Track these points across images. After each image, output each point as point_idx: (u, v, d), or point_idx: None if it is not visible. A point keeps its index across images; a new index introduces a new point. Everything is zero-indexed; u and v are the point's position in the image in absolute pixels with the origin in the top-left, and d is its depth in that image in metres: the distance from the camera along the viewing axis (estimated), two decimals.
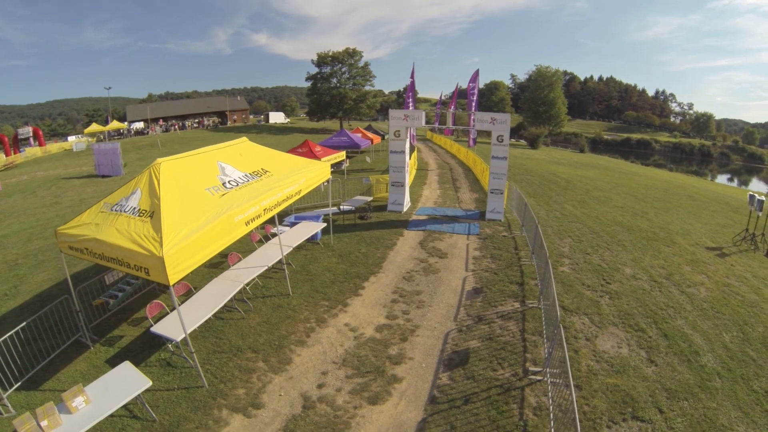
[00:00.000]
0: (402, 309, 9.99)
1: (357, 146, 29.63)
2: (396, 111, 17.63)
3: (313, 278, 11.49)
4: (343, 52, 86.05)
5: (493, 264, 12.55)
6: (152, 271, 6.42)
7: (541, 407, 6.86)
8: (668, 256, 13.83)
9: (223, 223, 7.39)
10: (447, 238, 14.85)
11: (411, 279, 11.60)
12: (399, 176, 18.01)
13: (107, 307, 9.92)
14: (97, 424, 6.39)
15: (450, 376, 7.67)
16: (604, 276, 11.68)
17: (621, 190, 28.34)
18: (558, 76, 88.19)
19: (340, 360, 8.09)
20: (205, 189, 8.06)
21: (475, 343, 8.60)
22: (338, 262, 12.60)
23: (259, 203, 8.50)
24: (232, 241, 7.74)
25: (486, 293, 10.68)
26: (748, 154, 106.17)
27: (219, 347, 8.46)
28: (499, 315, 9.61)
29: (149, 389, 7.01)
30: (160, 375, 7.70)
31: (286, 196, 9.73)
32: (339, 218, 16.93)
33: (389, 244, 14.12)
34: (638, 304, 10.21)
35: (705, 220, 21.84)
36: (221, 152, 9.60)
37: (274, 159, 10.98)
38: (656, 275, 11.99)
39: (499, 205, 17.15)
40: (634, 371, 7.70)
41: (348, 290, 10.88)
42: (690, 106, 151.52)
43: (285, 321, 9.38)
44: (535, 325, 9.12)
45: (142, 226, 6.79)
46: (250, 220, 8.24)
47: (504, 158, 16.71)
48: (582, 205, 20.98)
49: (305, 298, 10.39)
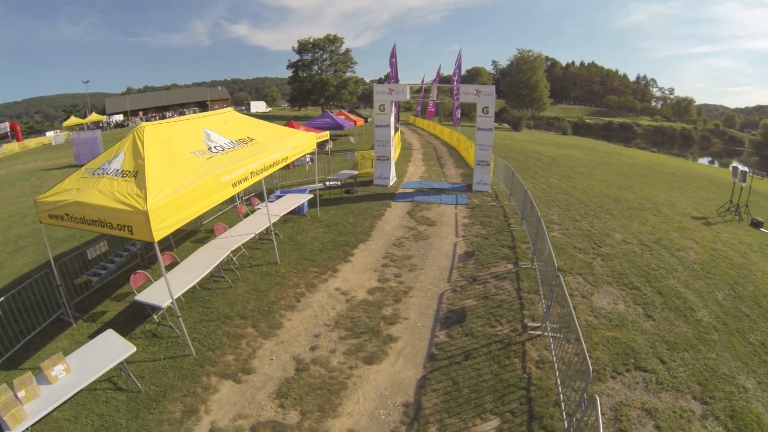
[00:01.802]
0: (394, 272, 9.75)
1: (340, 127, 29.30)
2: (380, 85, 17.38)
3: (301, 247, 11.18)
4: (324, 39, 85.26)
5: (483, 230, 12.38)
6: (136, 228, 6.07)
7: (543, 360, 6.69)
8: (656, 224, 13.97)
9: (210, 182, 7.12)
10: (435, 208, 14.65)
11: (401, 245, 11.36)
12: (384, 150, 17.78)
13: (90, 285, 9.49)
14: (80, 397, 6.10)
15: (448, 333, 7.45)
16: (594, 240, 11.65)
17: (605, 167, 28.61)
18: (540, 59, 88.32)
19: (333, 322, 7.81)
20: (191, 152, 7.77)
21: (471, 302, 8.40)
22: (326, 232, 12.31)
23: (245, 166, 8.24)
24: (219, 201, 7.53)
25: (478, 256, 10.49)
26: (728, 138, 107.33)
27: (206, 316, 8.13)
28: (493, 275, 9.43)
29: (134, 360, 6.75)
30: (146, 346, 7.33)
31: (273, 162, 9.45)
32: (325, 193, 16.60)
33: (377, 215, 13.87)
34: (630, 265, 10.18)
35: (689, 194, 22.27)
36: (206, 120, 9.36)
37: (260, 128, 10.67)
38: (645, 240, 12.05)
39: (485, 177, 17.00)
40: (633, 325, 7.63)
41: (337, 257, 10.59)
42: (671, 90, 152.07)
43: (274, 288, 9.06)
44: (531, 284, 8.96)
45: (125, 186, 6.43)
46: (237, 181, 7.97)
47: (490, 130, 16.54)
48: (567, 179, 21.11)
49: (294, 266, 10.07)
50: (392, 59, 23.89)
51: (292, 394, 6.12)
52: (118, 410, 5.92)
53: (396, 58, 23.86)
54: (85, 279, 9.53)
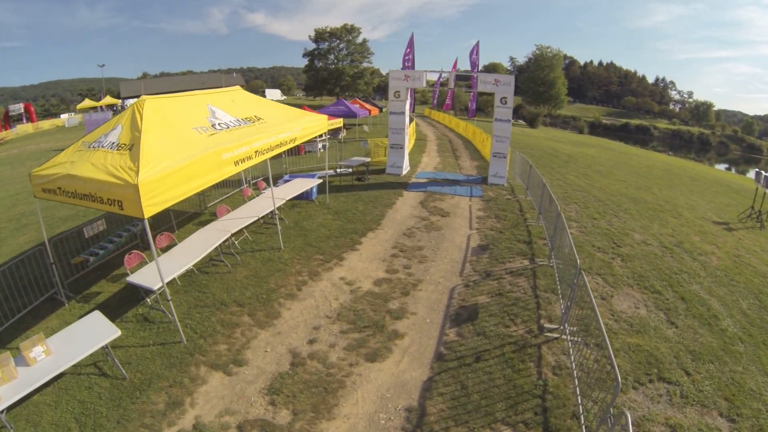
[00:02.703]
0: (403, 263, 9.22)
1: (354, 115, 28.69)
2: (396, 71, 16.71)
3: (306, 233, 10.68)
4: (341, 29, 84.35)
5: (498, 224, 11.81)
6: (126, 203, 5.63)
7: (560, 366, 6.14)
8: (676, 227, 13.47)
9: (209, 158, 6.68)
10: (449, 199, 14.08)
11: (412, 235, 10.82)
12: (398, 138, 17.14)
13: (87, 264, 9.17)
14: (64, 381, 5.75)
15: (458, 332, 6.90)
16: (614, 240, 11.11)
17: (623, 167, 27.98)
18: (559, 56, 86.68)
19: (335, 314, 7.31)
20: (193, 128, 7.33)
21: (484, 298, 7.84)
22: (334, 219, 11.80)
23: (250, 144, 7.80)
24: (220, 179, 7.09)
25: (492, 250, 9.93)
26: (747, 145, 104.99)
27: (201, 301, 7.70)
28: (508, 271, 8.86)
29: (122, 345, 6.42)
30: (136, 330, 6.95)
31: (280, 142, 8.97)
32: (335, 180, 16.08)
33: (388, 203, 13.32)
34: (651, 267, 9.65)
35: (708, 198, 21.85)
36: (212, 96, 8.90)
37: (269, 107, 10.23)
38: (666, 242, 11.54)
39: (501, 170, 16.37)
40: (655, 332, 7.12)
41: (344, 245, 10.07)
42: (690, 94, 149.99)
43: (275, 274, 8.59)
44: (547, 282, 8.39)
45: (119, 158, 5.99)
46: (240, 160, 7.51)
47: (507, 121, 15.89)
48: (585, 177, 20.55)
49: (297, 252, 9.59)
50: (407, 50, 23.01)
51: (285, 390, 5.65)
52: (100, 397, 5.53)
53: (413, 49, 23.00)
54: (82, 258, 9.25)
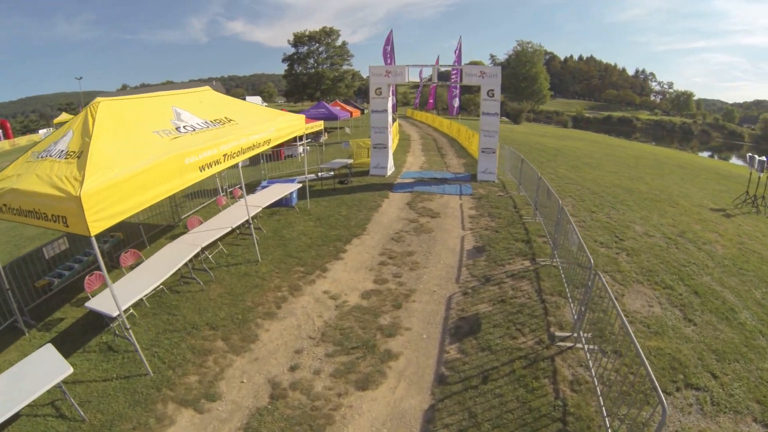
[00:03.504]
0: (392, 272, 8.39)
1: (335, 117, 27.92)
2: (377, 67, 15.84)
3: (286, 243, 9.79)
4: (320, 32, 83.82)
5: (492, 222, 11.04)
6: (70, 219, 4.76)
7: (579, 381, 5.37)
8: (675, 216, 13.01)
9: (170, 164, 5.82)
10: (438, 199, 13.30)
11: (401, 239, 9.99)
12: (382, 137, 16.29)
13: (51, 288, 8.31)
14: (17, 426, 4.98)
15: (459, 348, 6.08)
16: (615, 233, 10.47)
17: (611, 159, 27.66)
18: (540, 51, 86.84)
19: (319, 335, 6.45)
20: (153, 131, 6.44)
21: (486, 306, 7.04)
22: (315, 226, 10.93)
23: (217, 147, 6.93)
24: (183, 187, 6.24)
25: (490, 252, 9.15)
26: (728, 132, 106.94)
27: (171, 325, 6.82)
28: (509, 274, 8.08)
29: (82, 379, 5.64)
30: (99, 362, 6.07)
31: (252, 144, 8.12)
32: (317, 184, 15.23)
33: (373, 206, 12.49)
34: (659, 260, 9.03)
35: (700, 185, 21.62)
36: (178, 97, 8.00)
37: (241, 108, 9.37)
38: (669, 233, 11.01)
39: (491, 165, 15.65)
40: (674, 332, 6.47)
41: (327, 254, 9.21)
42: (670, 85, 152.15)
43: (251, 291, 7.72)
44: (553, 284, 7.63)
45: (66, 168, 5.11)
46: (207, 165, 6.64)
47: (495, 114, 15.20)
48: (575, 170, 20.05)
49: (276, 265, 8.70)
50: (387, 47, 22.33)
51: (264, 430, 4.79)
52: None
53: (392, 46, 22.34)
54: (47, 281, 8.37)
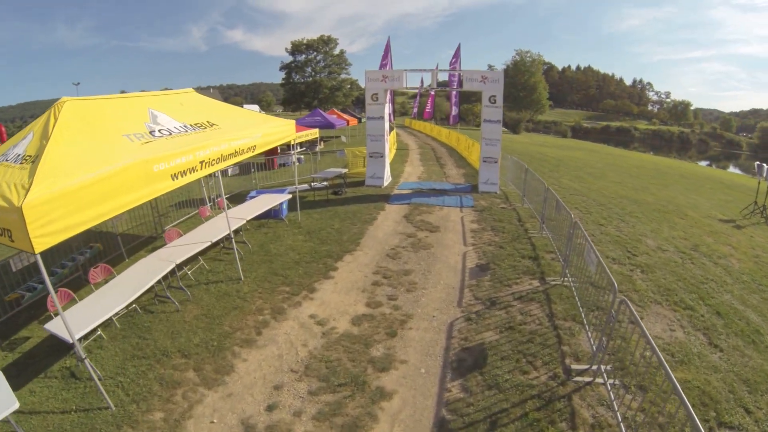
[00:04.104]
0: (387, 293, 7.59)
1: (332, 126, 27.24)
2: (373, 71, 15.17)
3: (272, 259, 9.01)
4: (318, 40, 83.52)
5: (496, 237, 10.29)
6: (15, 233, 4.11)
7: (601, 424, 4.59)
8: (686, 228, 12.42)
9: (135, 171, 5.12)
10: (437, 211, 12.54)
11: (397, 256, 9.20)
12: (378, 146, 15.58)
13: (20, 302, 7.70)
14: None
15: (463, 385, 5.29)
16: (627, 248, 9.80)
17: (613, 169, 27.15)
18: (539, 60, 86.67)
19: (302, 367, 5.66)
20: (124, 135, 5.75)
21: (492, 335, 6.25)
22: (305, 240, 10.15)
23: (193, 152, 6.23)
24: (152, 197, 5.59)
25: (494, 270, 8.38)
26: (726, 141, 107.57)
27: (140, 350, 6.06)
28: (516, 296, 7.30)
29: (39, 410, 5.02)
30: (59, 390, 5.34)
31: (235, 150, 7.40)
32: (309, 195, 14.51)
33: (368, 219, 11.73)
34: (675, 277, 8.36)
35: (706, 195, 21.06)
36: (156, 99, 7.36)
37: (226, 112, 8.71)
38: (682, 246, 10.40)
39: (493, 176, 14.93)
40: (700, 360, 5.78)
41: (316, 272, 8.43)
42: (667, 94, 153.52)
43: (230, 313, 6.94)
44: (566, 308, 6.88)
45: (18, 174, 4.43)
46: (180, 173, 5.95)
47: (498, 122, 14.53)
48: (579, 180, 19.45)
49: (260, 283, 7.92)
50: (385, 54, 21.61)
51: None
52: None
53: (390, 53, 21.65)
54: (17, 294, 7.79)
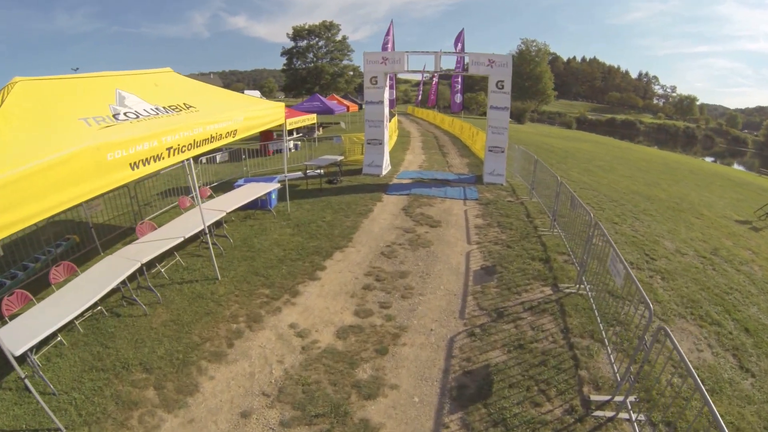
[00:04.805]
0: (379, 299, 6.69)
1: (330, 111, 26.27)
2: (372, 53, 14.16)
3: (255, 255, 8.13)
4: (320, 26, 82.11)
5: (503, 234, 9.41)
6: None
7: None
8: (703, 229, 11.63)
9: (84, 160, 4.31)
10: (438, 204, 11.65)
11: (393, 255, 8.31)
12: (376, 132, 14.62)
13: None
14: None
15: (463, 420, 4.41)
16: (645, 251, 8.99)
17: (622, 162, 26.32)
18: (545, 50, 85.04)
19: (275, 390, 4.81)
20: (80, 119, 4.90)
21: (499, 355, 5.37)
22: (293, 234, 9.25)
23: (159, 138, 5.37)
24: (106, 189, 4.78)
25: (502, 274, 7.49)
26: (732, 138, 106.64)
27: (100, 361, 5.27)
28: (527, 307, 6.43)
29: None
30: (10, 405, 4.62)
31: (211, 135, 6.56)
32: (302, 183, 13.63)
33: (363, 211, 10.83)
34: (698, 286, 7.56)
35: (718, 193, 20.32)
36: (126, 79, 6.47)
37: (206, 94, 7.90)
38: (701, 249, 9.60)
39: (499, 167, 14.03)
40: (732, 388, 5.03)
41: (301, 272, 7.54)
42: (673, 89, 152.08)
43: (202, 319, 6.10)
44: (582, 321, 6.04)
45: None
46: (142, 161, 5.12)
47: (505, 109, 13.58)
48: (588, 173, 18.59)
49: (238, 284, 7.05)
50: (387, 37, 20.64)
51: None
52: None
53: (392, 36, 20.68)
54: None
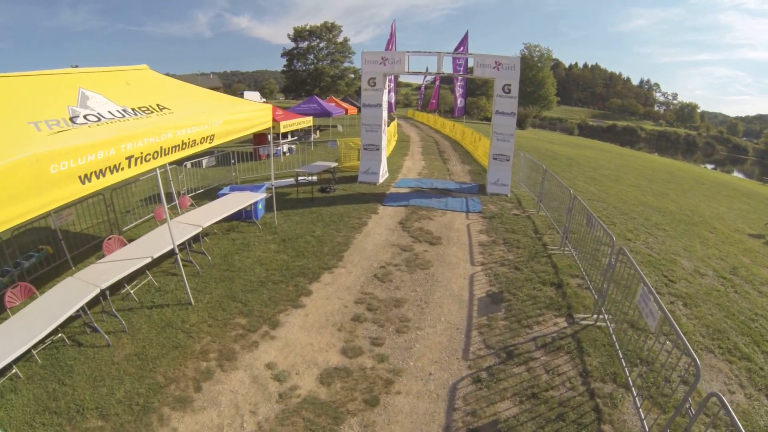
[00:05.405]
0: (371, 334, 5.83)
1: (328, 114, 25.52)
2: (370, 53, 13.36)
3: (234, 276, 7.29)
4: (321, 27, 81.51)
5: (509, 254, 8.59)
6: None
7: None
8: (718, 244, 10.89)
9: (21, 173, 3.64)
10: (439, 217, 10.83)
11: (387, 278, 7.44)
12: (373, 137, 13.82)
13: None
14: None
15: None
16: (663, 271, 8.22)
17: (627, 171, 25.64)
18: (548, 56, 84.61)
19: None
20: (30, 122, 4.20)
21: (509, 407, 4.55)
22: (278, 251, 8.41)
23: (117, 145, 4.62)
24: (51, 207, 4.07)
25: (510, 303, 6.65)
26: (732, 145, 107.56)
27: (55, 401, 4.53)
28: (539, 344, 5.61)
29: None
30: None
31: (182, 141, 5.80)
32: (293, 191, 12.83)
33: (357, 225, 10.00)
34: (723, 313, 6.83)
35: (727, 204, 19.56)
36: (92, 77, 5.77)
37: (184, 94, 7.15)
38: (719, 269, 8.86)
39: (504, 176, 13.25)
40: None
41: (283, 297, 6.68)
42: (674, 96, 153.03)
43: (169, 354, 5.31)
44: (603, 362, 5.24)
45: None
46: (94, 173, 4.37)
47: (512, 114, 12.83)
48: (595, 183, 17.87)
49: (212, 311, 6.23)
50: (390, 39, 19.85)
51: None
52: None
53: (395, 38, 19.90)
54: None
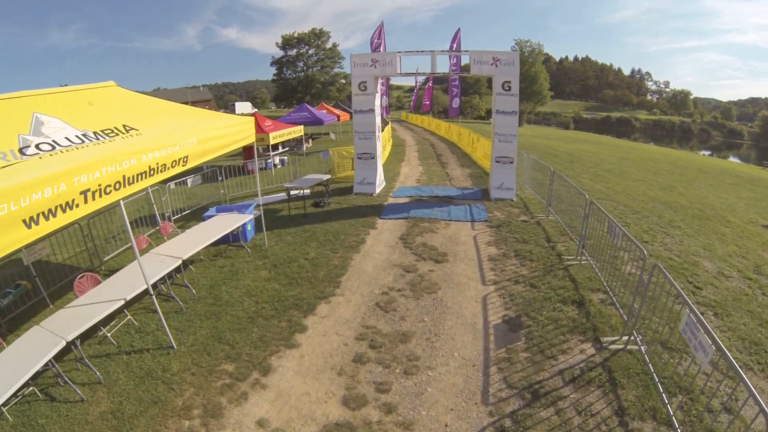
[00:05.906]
0: (375, 378, 5.04)
1: (320, 122, 24.86)
2: (359, 55, 12.63)
3: (220, 311, 6.54)
4: (310, 34, 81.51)
5: (523, 268, 7.78)
6: None
7: None
8: (736, 240, 10.23)
9: None
10: (442, 229, 10.07)
11: (391, 306, 6.62)
12: (367, 145, 13.11)
13: None
14: None
15: None
16: (686, 276, 7.49)
17: (629, 163, 25.10)
18: (539, 50, 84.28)
19: None
20: None
21: None
22: (269, 278, 7.63)
23: (69, 179, 4.02)
24: None
25: (530, 328, 5.87)
26: (727, 130, 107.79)
27: None
28: (567, 378, 4.87)
29: None
30: None
31: (149, 167, 5.16)
32: (284, 207, 12.10)
33: (354, 243, 9.23)
34: (755, 321, 6.16)
35: (733, 193, 18.89)
36: (51, 98, 5.17)
37: (155, 111, 6.54)
38: (743, 268, 8.21)
39: (508, 179, 12.56)
40: None
41: (275, 335, 5.92)
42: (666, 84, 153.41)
43: (148, 411, 4.60)
44: (639, 395, 4.54)
45: None
46: (42, 214, 3.79)
47: (513, 113, 12.18)
48: (599, 179, 17.28)
49: (196, 356, 5.51)
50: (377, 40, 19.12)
51: None
52: None
53: (383, 38, 19.25)
54: None
